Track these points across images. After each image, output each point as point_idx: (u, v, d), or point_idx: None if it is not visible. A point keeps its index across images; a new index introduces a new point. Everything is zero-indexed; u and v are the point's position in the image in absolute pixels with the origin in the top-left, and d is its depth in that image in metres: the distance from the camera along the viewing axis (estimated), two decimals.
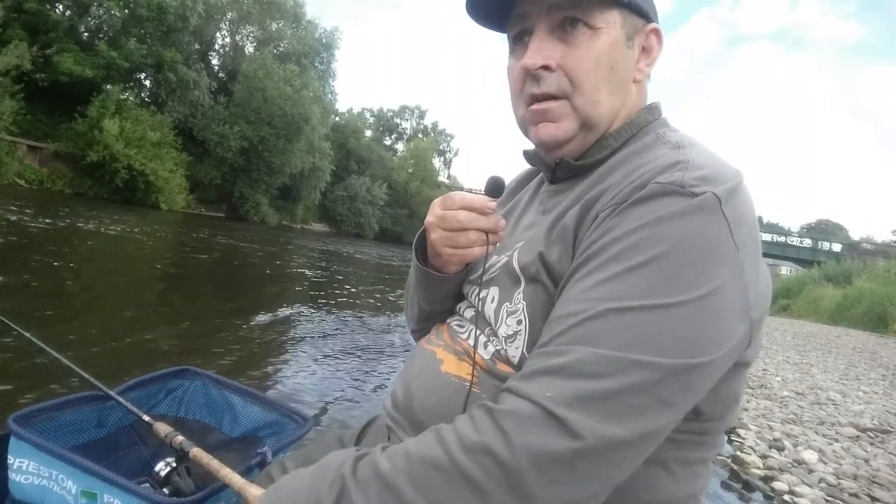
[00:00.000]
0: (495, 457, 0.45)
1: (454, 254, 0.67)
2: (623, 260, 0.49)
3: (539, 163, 0.73)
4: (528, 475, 0.43)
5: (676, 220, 0.49)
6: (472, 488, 0.44)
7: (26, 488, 0.87)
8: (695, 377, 0.47)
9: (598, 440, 0.44)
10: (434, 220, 0.67)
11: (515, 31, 0.66)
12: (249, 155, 30.00)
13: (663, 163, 0.54)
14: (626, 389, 0.45)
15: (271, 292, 6.83)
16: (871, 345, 10.01)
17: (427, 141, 57.99)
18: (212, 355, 3.49)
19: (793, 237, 33.02)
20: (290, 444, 1.05)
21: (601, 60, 0.61)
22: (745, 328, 0.50)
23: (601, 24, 0.60)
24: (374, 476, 0.48)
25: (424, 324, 0.82)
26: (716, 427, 0.57)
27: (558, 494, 0.44)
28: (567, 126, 0.62)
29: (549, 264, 0.59)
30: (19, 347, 2.66)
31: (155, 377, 1.19)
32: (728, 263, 0.49)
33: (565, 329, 0.50)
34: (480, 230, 0.65)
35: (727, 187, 0.51)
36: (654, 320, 0.47)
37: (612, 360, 0.46)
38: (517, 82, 0.65)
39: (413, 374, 0.69)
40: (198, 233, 14.73)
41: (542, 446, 0.44)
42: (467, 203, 0.65)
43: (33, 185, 19.62)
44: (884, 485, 2.57)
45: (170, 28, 24.62)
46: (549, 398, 0.46)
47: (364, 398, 3.20)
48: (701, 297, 0.47)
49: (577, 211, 0.58)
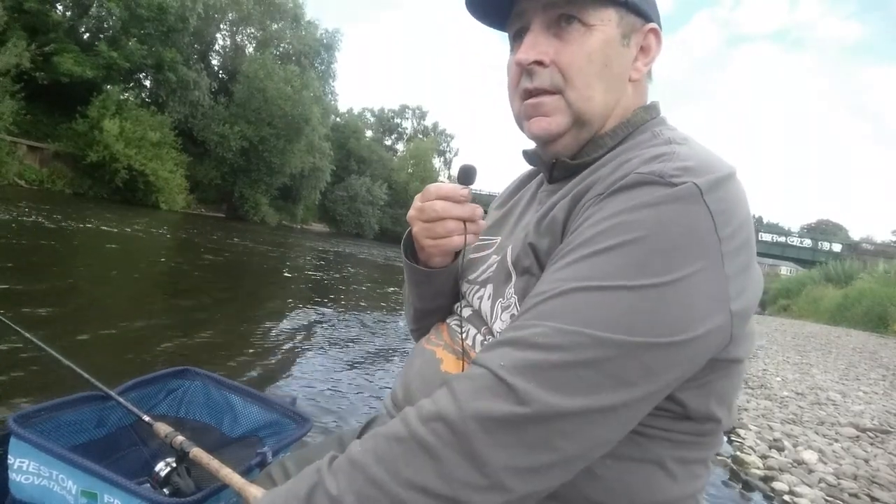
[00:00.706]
0: (446, 421, 0.46)
1: (434, 244, 0.68)
2: (594, 244, 0.50)
3: (538, 162, 0.74)
4: (477, 438, 0.45)
5: (653, 208, 0.49)
6: (427, 454, 0.45)
7: (26, 488, 0.87)
8: (653, 358, 0.46)
9: (544, 409, 0.45)
10: (414, 212, 0.69)
11: (514, 29, 0.67)
12: (249, 155, 30.02)
13: (648, 155, 0.55)
14: (580, 363, 0.46)
15: (272, 292, 6.83)
16: (871, 345, 10.01)
17: (427, 141, 58.06)
18: (212, 355, 3.49)
19: (793, 237, 33.04)
20: (290, 444, 1.05)
21: (594, 57, 0.61)
22: (723, 319, 0.49)
23: (595, 22, 0.61)
24: (345, 460, 0.49)
25: (421, 322, 0.83)
26: (712, 427, 0.56)
27: (508, 459, 0.44)
28: (559, 120, 0.63)
29: (539, 255, 0.60)
30: (19, 347, 2.66)
31: (155, 377, 1.19)
32: (705, 255, 0.48)
33: (531, 306, 0.51)
34: (457, 218, 0.66)
35: (710, 178, 0.50)
36: (615, 299, 0.47)
37: (567, 334, 0.47)
38: (513, 78, 0.66)
39: (413, 374, 0.70)
40: (198, 233, 14.73)
41: (490, 410, 0.45)
42: (442, 192, 0.66)
43: (33, 186, 19.63)
44: (884, 485, 2.57)
45: (170, 28, 24.67)
46: (503, 366, 0.47)
47: (364, 398, 3.21)
48: (668, 282, 0.47)
49: (566, 203, 0.59)
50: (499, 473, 0.44)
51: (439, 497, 0.44)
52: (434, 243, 0.68)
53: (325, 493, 0.47)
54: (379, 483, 0.46)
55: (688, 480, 0.56)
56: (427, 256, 0.73)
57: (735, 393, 0.58)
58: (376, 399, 3.22)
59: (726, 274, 0.49)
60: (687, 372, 0.50)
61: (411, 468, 0.45)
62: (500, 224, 0.79)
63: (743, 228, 0.51)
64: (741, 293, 0.50)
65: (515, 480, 0.45)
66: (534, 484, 0.46)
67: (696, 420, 0.54)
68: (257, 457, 0.92)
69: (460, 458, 0.45)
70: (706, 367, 0.52)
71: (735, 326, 0.50)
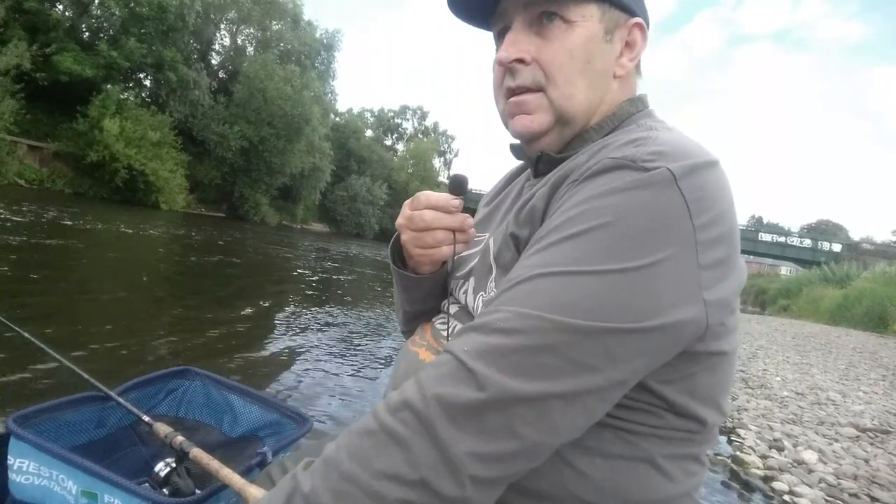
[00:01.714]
0: (412, 408, 0.46)
1: (423, 254, 0.68)
2: (563, 230, 0.50)
3: (524, 157, 0.74)
4: (440, 423, 0.45)
5: (622, 193, 0.48)
6: (396, 443, 0.45)
7: (26, 489, 0.87)
8: (617, 343, 0.45)
9: (502, 393, 0.44)
10: (403, 220, 0.68)
11: (498, 28, 0.66)
12: (249, 155, 30.01)
13: (624, 140, 0.54)
14: (540, 347, 0.45)
15: (272, 293, 6.83)
16: (871, 345, 10.00)
17: (427, 141, 58.02)
18: (212, 355, 3.49)
19: (793, 237, 33.05)
20: (290, 444, 1.05)
21: (576, 54, 0.61)
22: (696, 310, 0.47)
23: (576, 18, 0.61)
24: (320, 461, 0.49)
25: (412, 324, 0.82)
26: (701, 423, 0.55)
27: (471, 445, 0.44)
28: (542, 119, 0.63)
29: (520, 245, 0.59)
30: (19, 348, 2.66)
31: (155, 377, 1.19)
32: (676, 241, 0.47)
33: (499, 294, 0.51)
34: (447, 229, 0.65)
35: (686, 164, 0.49)
36: (577, 284, 0.46)
37: (528, 318, 0.46)
38: (497, 76, 0.66)
39: (399, 377, 0.69)
40: (198, 233, 14.73)
41: (451, 395, 0.45)
42: (432, 202, 0.65)
43: (33, 185, 19.63)
44: (884, 485, 2.57)
45: (170, 27, 24.66)
46: (466, 351, 0.47)
47: (364, 398, 3.21)
48: (635, 267, 0.46)
49: (545, 191, 0.59)
50: (462, 459, 0.44)
51: (410, 483, 0.44)
52: (422, 252, 0.68)
53: (301, 495, 0.47)
54: (352, 477, 0.46)
55: (681, 478, 0.55)
56: (416, 264, 0.73)
57: (724, 388, 0.56)
58: (376, 398, 3.22)
59: (700, 263, 0.47)
60: (655, 360, 0.48)
61: (382, 459, 0.45)
62: (487, 220, 0.78)
63: (723, 219, 0.50)
64: (716, 283, 0.49)
65: (479, 466, 0.44)
66: (499, 469, 0.45)
67: (683, 416, 0.53)
68: (257, 457, 0.92)
69: (427, 444, 0.44)
70: (686, 359, 0.50)
71: (711, 317, 0.48)
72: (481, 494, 0.45)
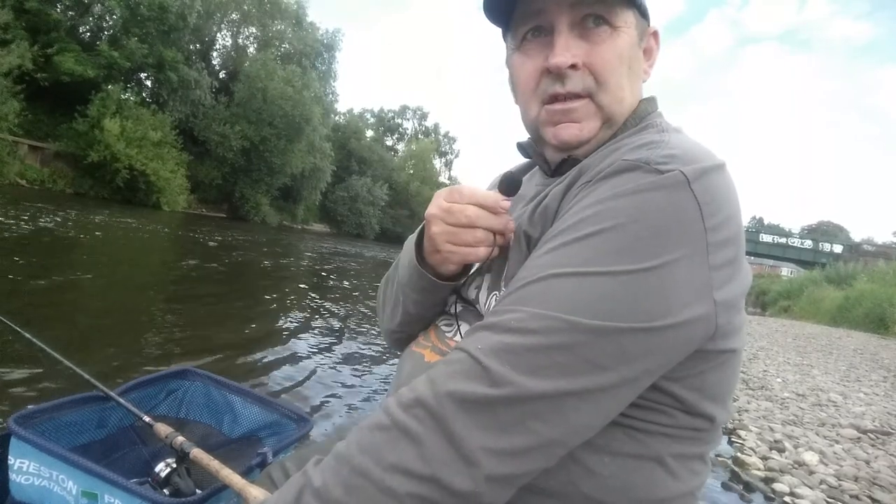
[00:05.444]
0: (425, 405, 0.46)
1: (455, 251, 0.63)
2: (577, 230, 0.50)
3: (535, 155, 0.72)
4: (453, 419, 0.45)
5: (637, 195, 0.49)
6: (409, 438, 0.46)
7: (27, 489, 0.87)
8: (630, 343, 0.46)
9: (517, 391, 0.45)
10: (438, 212, 0.63)
11: (528, 27, 0.63)
12: (250, 155, 30.04)
13: (638, 142, 0.55)
14: (554, 347, 0.46)
15: (272, 293, 6.83)
16: (872, 346, 9.99)
17: (427, 142, 58.05)
18: (212, 356, 3.49)
19: (794, 238, 32.98)
20: (291, 444, 1.05)
21: (623, 59, 0.62)
22: (707, 309, 0.48)
23: (620, 24, 0.61)
24: (331, 457, 0.50)
25: (409, 328, 0.77)
26: (708, 421, 0.55)
27: (484, 440, 0.44)
28: (591, 126, 0.63)
29: (531, 244, 0.60)
30: (20, 348, 2.66)
31: (155, 378, 1.19)
32: (689, 242, 0.48)
33: (511, 292, 0.51)
34: (489, 229, 0.62)
35: (697, 167, 0.50)
36: (593, 285, 0.47)
37: (543, 318, 0.47)
38: (530, 80, 0.63)
39: (403, 379, 0.69)
40: (199, 233, 14.74)
41: (464, 392, 0.46)
42: (478, 199, 0.62)
43: (34, 185, 19.64)
44: (885, 486, 2.57)
45: (171, 27, 24.67)
46: (479, 349, 0.48)
47: (365, 398, 3.21)
48: (648, 268, 0.46)
49: (559, 191, 0.59)
50: (476, 454, 0.44)
51: (421, 478, 0.44)
52: (455, 250, 0.63)
53: (312, 490, 0.47)
54: (364, 471, 0.46)
55: (686, 477, 0.55)
56: (440, 261, 0.66)
57: (730, 386, 0.57)
58: (377, 399, 3.22)
59: (710, 264, 0.48)
60: (668, 360, 0.49)
61: (394, 453, 0.46)
62: None
63: (732, 221, 0.51)
64: (726, 284, 0.49)
65: (493, 461, 0.44)
66: (512, 466, 0.45)
67: (692, 414, 0.54)
68: (257, 457, 0.92)
69: (439, 439, 0.45)
70: (696, 358, 0.51)
71: (720, 317, 0.49)
72: (493, 491, 0.45)
